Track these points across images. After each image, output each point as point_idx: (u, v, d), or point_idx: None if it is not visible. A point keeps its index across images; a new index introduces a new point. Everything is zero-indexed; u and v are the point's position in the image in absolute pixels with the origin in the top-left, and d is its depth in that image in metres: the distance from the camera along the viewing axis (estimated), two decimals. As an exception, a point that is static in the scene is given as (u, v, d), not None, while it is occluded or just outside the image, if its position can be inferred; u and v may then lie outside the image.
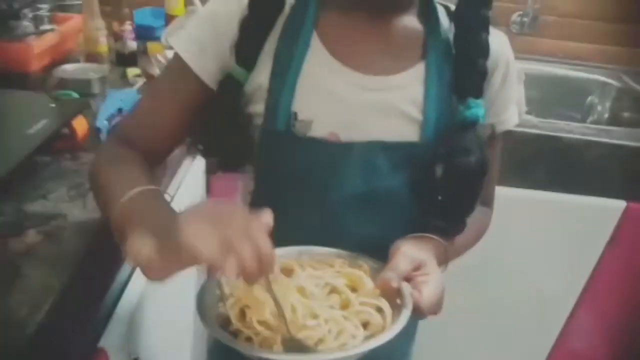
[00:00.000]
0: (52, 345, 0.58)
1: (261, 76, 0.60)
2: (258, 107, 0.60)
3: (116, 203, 0.51)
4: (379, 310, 0.51)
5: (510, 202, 1.25)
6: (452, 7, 0.64)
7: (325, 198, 0.61)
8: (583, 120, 1.66)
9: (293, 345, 0.47)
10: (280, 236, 0.46)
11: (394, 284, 0.51)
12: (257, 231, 0.42)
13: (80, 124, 0.85)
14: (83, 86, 1.03)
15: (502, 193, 1.20)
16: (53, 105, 0.85)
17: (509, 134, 0.71)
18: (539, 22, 1.66)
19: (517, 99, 0.70)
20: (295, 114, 0.59)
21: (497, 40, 0.64)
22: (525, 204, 1.29)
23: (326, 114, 0.60)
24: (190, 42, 0.61)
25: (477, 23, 0.61)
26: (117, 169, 0.58)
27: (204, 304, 0.51)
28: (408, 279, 0.53)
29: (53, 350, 0.58)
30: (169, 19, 1.31)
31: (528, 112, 1.68)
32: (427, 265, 0.56)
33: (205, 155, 0.68)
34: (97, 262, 0.68)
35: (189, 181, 1.00)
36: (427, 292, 0.52)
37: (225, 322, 0.51)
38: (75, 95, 0.97)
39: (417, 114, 0.61)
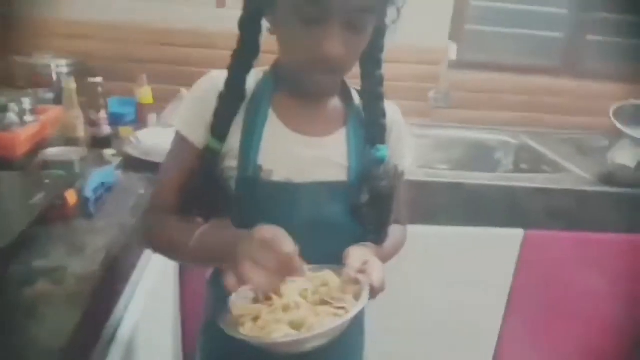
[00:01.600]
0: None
1: (232, 141, 0.80)
2: (232, 163, 0.80)
3: (189, 245, 0.73)
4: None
5: (438, 237, 1.51)
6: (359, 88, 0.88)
7: (287, 224, 0.76)
8: (492, 172, 1.95)
9: None
10: None
11: (353, 276, 0.72)
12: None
13: (71, 196, 1.01)
14: (66, 166, 1.18)
15: (429, 232, 1.44)
16: (47, 181, 1.02)
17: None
18: (450, 97, 1.95)
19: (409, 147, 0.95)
20: (260, 166, 0.79)
21: (391, 110, 0.88)
22: (448, 238, 1.54)
23: (282, 165, 0.80)
24: (186, 120, 0.82)
25: (376, 97, 0.85)
26: (173, 224, 0.80)
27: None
28: (361, 271, 0.73)
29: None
30: (139, 106, 1.52)
31: (451, 169, 1.98)
32: (370, 258, 0.76)
33: (189, 213, 0.83)
34: (96, 301, 0.84)
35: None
36: (376, 276, 0.72)
37: None
38: (61, 172, 1.13)
39: (344, 162, 0.83)
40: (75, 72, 1.64)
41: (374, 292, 0.72)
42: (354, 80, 0.88)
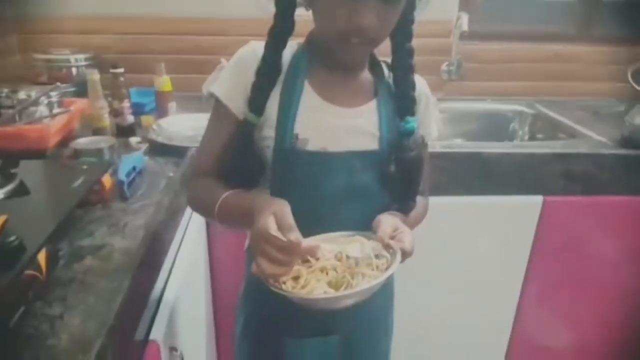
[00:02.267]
0: (116, 338, 0.77)
1: (269, 112, 0.84)
2: (269, 132, 0.84)
3: (213, 210, 0.81)
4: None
5: (458, 208, 1.53)
6: (389, 61, 0.91)
7: (321, 192, 0.85)
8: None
9: None
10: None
11: (386, 242, 0.75)
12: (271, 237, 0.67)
13: (107, 180, 1.06)
14: (97, 154, 1.23)
15: (448, 202, 1.45)
16: (85, 167, 1.06)
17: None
18: (463, 69, 1.97)
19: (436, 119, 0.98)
20: (297, 134, 0.83)
21: (419, 82, 0.91)
22: (468, 209, 1.56)
23: (317, 134, 0.84)
24: (223, 86, 0.86)
25: (406, 69, 0.88)
26: (204, 190, 0.86)
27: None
28: (392, 237, 0.77)
29: (116, 343, 0.77)
30: (158, 95, 1.56)
31: (466, 141, 1.99)
32: (400, 226, 0.80)
33: (228, 178, 0.87)
34: (139, 274, 0.88)
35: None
36: (406, 240, 0.76)
37: None
38: (93, 159, 1.18)
39: (376, 132, 0.86)
40: (95, 65, 1.68)
41: (404, 256, 0.75)
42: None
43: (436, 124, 0.97)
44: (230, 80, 0.86)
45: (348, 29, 0.74)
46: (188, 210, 1.26)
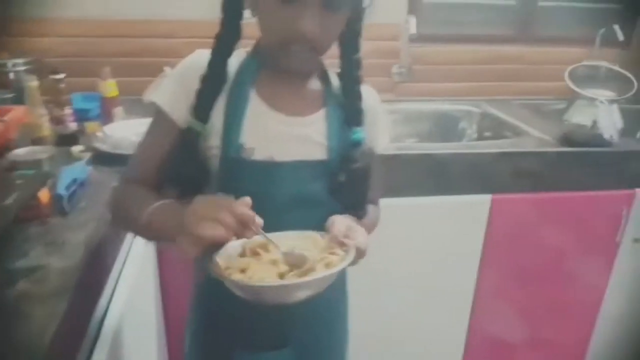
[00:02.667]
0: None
1: (215, 120, 0.82)
2: (214, 142, 0.82)
3: (142, 217, 0.76)
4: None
5: (409, 209, 1.56)
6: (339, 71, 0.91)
7: (269, 202, 0.83)
8: (459, 142, 2.02)
9: None
10: None
11: (340, 238, 0.76)
12: (231, 203, 0.66)
13: (44, 195, 1.02)
14: (35, 166, 1.17)
15: (400, 203, 1.46)
16: (19, 182, 1.01)
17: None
18: (413, 71, 2.00)
19: (386, 130, 0.98)
20: (242, 144, 0.81)
21: (367, 93, 0.91)
22: (419, 209, 1.59)
23: (264, 143, 0.83)
24: (166, 94, 0.83)
25: (353, 80, 0.88)
26: (134, 197, 0.82)
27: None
28: (346, 235, 0.77)
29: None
30: (103, 100, 1.50)
31: (418, 141, 2.03)
32: (353, 225, 0.80)
33: (170, 187, 0.86)
34: (79, 297, 0.85)
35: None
36: (360, 237, 0.77)
37: None
38: (30, 172, 1.13)
39: (324, 141, 0.86)
40: (34, 71, 1.61)
41: (359, 254, 0.75)
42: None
43: (386, 134, 0.97)
44: (173, 88, 0.84)
45: (289, 36, 0.74)
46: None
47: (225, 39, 0.82)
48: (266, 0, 0.74)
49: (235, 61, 0.85)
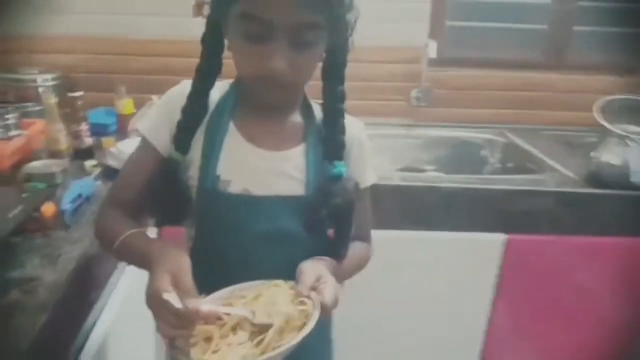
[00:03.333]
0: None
1: (194, 151, 0.83)
2: (194, 172, 0.83)
3: (114, 244, 0.78)
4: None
5: (418, 242, 1.51)
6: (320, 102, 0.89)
7: (245, 235, 0.83)
8: (478, 171, 1.96)
9: None
10: (215, 267, 0.74)
11: (305, 293, 0.72)
12: (166, 301, 0.64)
13: (48, 208, 1.06)
14: (48, 178, 1.23)
15: (408, 236, 1.42)
16: (25, 195, 1.06)
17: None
18: (433, 95, 1.98)
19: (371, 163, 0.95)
20: (219, 176, 0.82)
21: (353, 126, 0.88)
22: (428, 244, 1.53)
23: (240, 176, 0.82)
24: (149, 123, 0.85)
25: (336, 113, 0.86)
26: (111, 222, 0.84)
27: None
28: (313, 288, 0.74)
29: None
30: (119, 117, 1.56)
31: (437, 170, 1.99)
32: (324, 275, 0.77)
33: (152, 215, 0.89)
34: (70, 309, 0.88)
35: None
36: (327, 293, 0.73)
37: None
38: (42, 186, 1.18)
39: (302, 177, 0.84)
40: (60, 86, 1.69)
41: (324, 310, 0.71)
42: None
43: (372, 168, 0.95)
44: (157, 117, 0.86)
45: (258, 73, 0.74)
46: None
47: (206, 71, 0.82)
48: (235, 36, 0.74)
49: (217, 92, 0.85)
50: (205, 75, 0.83)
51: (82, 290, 0.95)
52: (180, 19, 1.76)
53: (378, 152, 1.88)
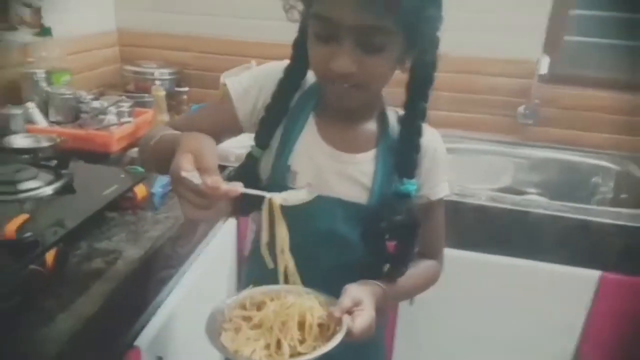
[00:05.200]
0: (99, 338, 0.84)
1: (272, 142, 0.86)
2: (265, 164, 0.87)
3: (152, 142, 0.80)
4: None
5: (500, 268, 1.43)
6: (401, 112, 0.87)
7: (303, 231, 0.82)
8: (587, 200, 1.79)
9: None
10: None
11: (337, 314, 0.71)
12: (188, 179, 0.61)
13: (140, 190, 1.16)
14: (148, 163, 1.35)
15: (505, 262, 1.38)
16: (123, 175, 1.17)
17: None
18: (541, 113, 1.85)
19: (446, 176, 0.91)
20: (289, 165, 0.84)
21: (429, 137, 0.86)
22: (512, 271, 1.44)
23: (307, 170, 0.84)
24: (240, 86, 0.88)
25: (415, 130, 0.83)
26: (156, 131, 0.84)
27: (212, 326, 0.71)
28: (349, 312, 0.72)
29: (98, 341, 0.84)
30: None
31: (540, 194, 1.86)
32: (364, 303, 0.75)
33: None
34: (142, 282, 0.96)
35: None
36: (359, 321, 0.71)
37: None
38: (141, 169, 1.29)
39: (368, 184, 0.84)
40: (171, 80, 1.84)
41: (349, 337, 0.69)
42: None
43: (446, 182, 0.91)
44: (248, 84, 0.88)
45: (323, 72, 0.75)
46: (220, 228, 1.33)
47: (293, 73, 0.85)
48: (310, 38, 0.76)
49: (307, 82, 0.87)
50: (293, 77, 0.85)
51: (156, 269, 1.03)
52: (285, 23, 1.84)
53: (475, 168, 1.82)
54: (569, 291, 1.42)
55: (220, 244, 1.38)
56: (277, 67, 0.87)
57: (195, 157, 0.63)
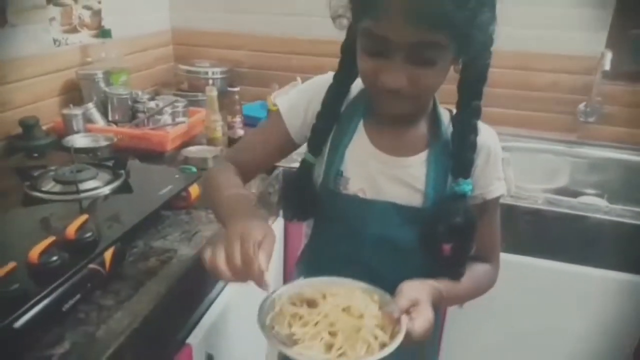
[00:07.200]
0: (153, 335, 0.87)
1: (323, 152, 0.88)
2: (319, 171, 0.88)
3: (219, 199, 0.80)
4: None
5: (574, 277, 1.37)
6: (454, 111, 0.85)
7: (354, 239, 0.85)
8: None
9: None
10: (325, 267, 0.76)
11: (395, 315, 0.70)
12: (252, 245, 0.64)
13: (194, 190, 1.18)
14: (201, 162, 1.37)
15: (567, 269, 1.33)
16: (177, 175, 1.20)
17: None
18: (603, 111, 1.76)
19: (507, 177, 0.89)
20: (342, 171, 0.85)
21: (484, 133, 0.83)
22: (588, 280, 1.38)
23: (359, 175, 0.84)
24: (288, 103, 0.90)
25: (469, 129, 0.81)
26: (222, 177, 0.86)
27: (262, 316, 0.71)
28: (407, 312, 0.71)
29: (153, 339, 0.87)
30: (270, 112, 1.67)
31: (599, 196, 1.77)
32: (422, 303, 0.73)
33: (287, 212, 0.96)
34: (195, 281, 0.98)
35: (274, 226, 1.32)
36: (418, 323, 0.70)
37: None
38: (194, 169, 1.32)
39: (421, 187, 0.82)
40: (224, 79, 1.87)
41: (408, 340, 0.68)
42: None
43: (501, 180, 0.87)
44: (296, 99, 0.90)
45: (376, 84, 0.73)
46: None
47: (342, 79, 0.85)
48: (358, 50, 0.74)
49: (356, 88, 0.87)
50: (342, 82, 0.85)
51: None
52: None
53: (530, 168, 1.75)
54: (627, 299, 1.35)
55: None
56: (324, 78, 0.88)
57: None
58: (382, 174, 0.84)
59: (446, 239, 0.83)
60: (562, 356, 1.46)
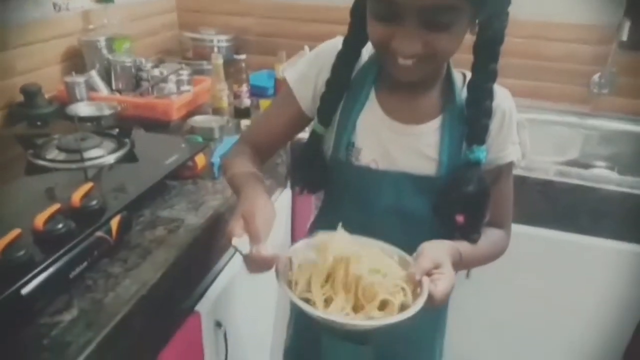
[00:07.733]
0: (162, 303, 0.86)
1: (333, 122, 0.85)
2: (329, 141, 0.85)
3: (227, 174, 0.85)
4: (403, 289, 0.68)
5: (584, 248, 1.37)
6: (468, 75, 0.81)
7: (369, 208, 0.83)
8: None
9: None
10: None
11: (418, 277, 0.68)
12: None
13: (200, 159, 1.16)
14: (207, 132, 1.35)
15: (577, 240, 1.33)
16: (183, 145, 1.18)
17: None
18: (617, 82, 1.72)
19: (522, 141, 0.86)
20: (353, 142, 0.82)
21: (499, 95, 0.80)
22: (598, 252, 1.37)
23: (371, 145, 0.82)
24: (296, 74, 0.87)
25: (484, 93, 0.78)
26: (235, 156, 0.89)
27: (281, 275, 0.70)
28: (428, 274, 0.70)
29: (161, 306, 0.86)
30: (277, 81, 1.64)
31: (610, 168, 1.75)
32: (444, 265, 0.72)
33: (297, 184, 0.93)
34: (203, 250, 0.97)
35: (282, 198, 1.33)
36: (441, 286, 0.68)
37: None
38: (200, 139, 1.30)
39: (434, 155, 0.80)
40: (230, 47, 1.82)
41: (431, 303, 0.67)
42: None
43: (517, 145, 0.85)
44: (305, 70, 0.86)
45: (388, 53, 0.70)
46: (275, 199, 1.33)
47: (352, 43, 0.81)
48: (368, 15, 0.71)
49: (365, 54, 0.83)
50: (352, 47, 0.82)
51: (216, 237, 1.04)
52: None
53: (542, 139, 1.72)
54: (637, 270, 1.35)
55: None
56: (332, 43, 0.84)
57: (246, 221, 0.69)
58: (395, 143, 0.81)
59: (460, 208, 0.81)
60: (571, 326, 1.46)
